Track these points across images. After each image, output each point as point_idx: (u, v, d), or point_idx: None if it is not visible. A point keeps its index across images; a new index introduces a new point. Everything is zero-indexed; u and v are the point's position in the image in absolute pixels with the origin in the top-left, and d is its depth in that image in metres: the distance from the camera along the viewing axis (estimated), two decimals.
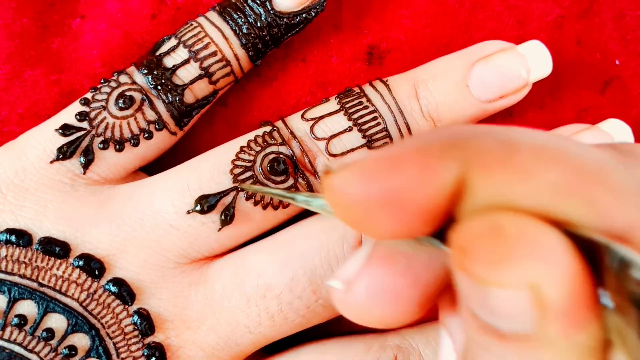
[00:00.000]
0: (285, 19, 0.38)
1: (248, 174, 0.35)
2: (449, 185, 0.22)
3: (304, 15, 0.38)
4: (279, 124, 0.37)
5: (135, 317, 0.34)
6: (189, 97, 0.37)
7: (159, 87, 0.36)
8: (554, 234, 0.20)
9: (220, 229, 0.35)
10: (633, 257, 0.19)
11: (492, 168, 0.21)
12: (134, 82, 0.37)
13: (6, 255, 0.34)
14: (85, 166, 0.36)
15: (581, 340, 0.21)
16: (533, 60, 0.37)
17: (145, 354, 0.34)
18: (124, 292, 0.34)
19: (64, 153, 0.35)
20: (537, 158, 0.21)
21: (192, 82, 0.37)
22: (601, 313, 0.21)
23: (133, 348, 0.34)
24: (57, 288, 0.34)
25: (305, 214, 0.37)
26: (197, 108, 0.38)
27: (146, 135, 0.36)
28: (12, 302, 0.33)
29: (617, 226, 0.21)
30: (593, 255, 0.21)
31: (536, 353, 0.21)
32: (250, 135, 0.37)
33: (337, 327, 0.39)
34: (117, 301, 0.34)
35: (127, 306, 0.34)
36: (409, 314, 0.26)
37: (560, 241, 0.20)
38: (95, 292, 0.34)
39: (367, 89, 0.37)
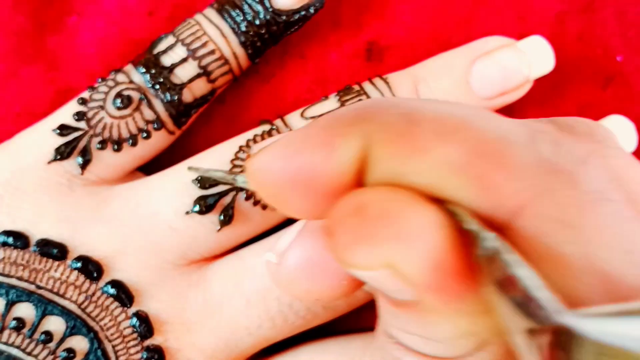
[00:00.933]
0: (284, 17, 0.38)
1: None
2: (352, 162, 0.22)
3: (303, 12, 0.38)
4: (278, 122, 0.37)
5: (134, 320, 0.34)
6: (188, 96, 0.37)
7: (157, 86, 0.36)
8: (421, 211, 0.21)
9: (219, 230, 0.35)
10: (499, 247, 0.20)
11: (391, 142, 0.22)
12: (131, 81, 0.37)
13: (3, 258, 0.34)
14: (83, 167, 0.35)
15: (463, 307, 0.22)
16: (534, 57, 0.37)
17: (145, 356, 0.34)
18: (123, 294, 0.34)
19: (62, 153, 0.35)
20: (435, 132, 0.21)
21: (191, 80, 0.37)
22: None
23: (132, 351, 0.34)
24: (55, 290, 0.34)
25: None
26: (196, 107, 0.37)
27: (144, 135, 0.36)
28: (9, 305, 0.33)
29: (506, 207, 0.21)
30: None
31: (426, 318, 0.22)
32: (249, 135, 0.36)
33: (336, 327, 0.39)
34: (116, 303, 0.34)
35: (125, 308, 0.34)
36: (336, 288, 0.26)
37: (425, 219, 0.21)
38: (93, 294, 0.34)
39: (367, 86, 0.37)
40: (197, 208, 0.34)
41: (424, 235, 0.20)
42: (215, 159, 0.36)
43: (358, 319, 0.39)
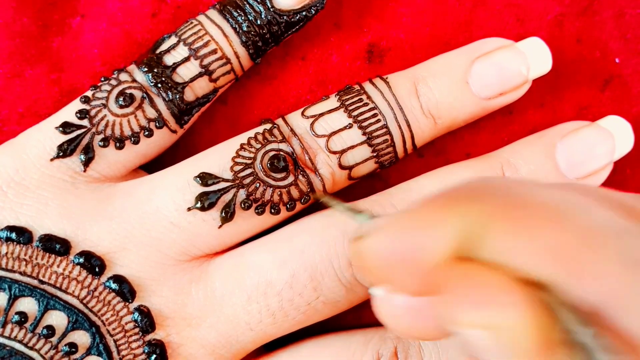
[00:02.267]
0: (285, 17, 0.38)
1: (248, 171, 0.35)
2: (455, 241, 0.24)
3: (304, 13, 0.38)
4: (279, 121, 0.37)
5: (136, 315, 0.34)
6: (189, 95, 0.37)
7: (159, 85, 0.37)
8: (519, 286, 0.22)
9: (220, 226, 0.35)
10: (596, 345, 0.21)
11: (498, 225, 0.23)
12: (134, 80, 0.37)
13: (6, 253, 0.34)
14: (86, 164, 0.36)
15: None
16: (533, 57, 0.37)
17: (146, 351, 0.34)
18: (125, 289, 0.34)
19: (64, 151, 0.35)
20: (543, 219, 0.23)
21: (193, 80, 0.37)
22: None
23: (133, 345, 0.34)
24: (58, 285, 0.34)
25: (306, 211, 0.37)
26: (198, 106, 0.38)
27: (146, 133, 0.36)
28: (12, 300, 0.33)
29: (599, 297, 0.22)
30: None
31: None
32: (251, 133, 0.37)
33: (337, 323, 0.40)
34: (118, 298, 0.34)
35: (127, 303, 0.34)
36: (436, 329, 0.27)
37: (524, 293, 0.22)
38: (95, 289, 0.34)
39: (367, 86, 0.37)
40: (198, 204, 0.35)
41: (523, 305, 0.22)
42: (217, 156, 0.36)
43: (358, 316, 0.39)
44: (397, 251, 0.24)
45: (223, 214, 0.35)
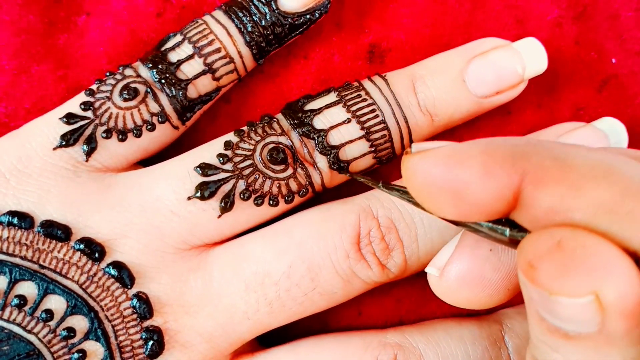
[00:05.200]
0: (289, 19, 0.39)
1: (248, 162, 0.36)
2: (507, 192, 0.25)
3: (308, 16, 0.39)
4: (279, 115, 0.38)
5: (134, 301, 0.34)
6: (192, 92, 0.38)
7: (163, 81, 0.37)
8: (608, 245, 0.23)
9: (219, 216, 0.35)
10: None
11: (547, 184, 0.24)
12: (138, 75, 0.37)
13: (8, 237, 0.34)
14: (88, 154, 0.36)
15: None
16: (528, 57, 0.38)
17: (144, 337, 0.34)
18: (124, 275, 0.34)
19: (67, 140, 0.36)
20: (588, 176, 0.24)
21: (196, 77, 0.38)
22: None
23: (131, 331, 0.34)
24: (58, 270, 0.34)
25: (305, 205, 0.37)
26: (200, 103, 0.38)
27: (149, 127, 0.37)
28: (12, 283, 0.34)
29: None
30: None
31: (599, 350, 0.24)
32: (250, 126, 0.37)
33: (336, 324, 0.40)
34: (117, 284, 0.34)
35: (126, 289, 0.34)
36: (494, 296, 0.29)
37: (617, 252, 0.23)
38: (95, 274, 0.34)
39: (366, 83, 0.38)
40: (198, 194, 0.35)
41: (621, 265, 0.23)
42: (217, 147, 0.36)
43: (359, 316, 0.39)
44: (444, 177, 0.25)
45: (222, 203, 0.35)
